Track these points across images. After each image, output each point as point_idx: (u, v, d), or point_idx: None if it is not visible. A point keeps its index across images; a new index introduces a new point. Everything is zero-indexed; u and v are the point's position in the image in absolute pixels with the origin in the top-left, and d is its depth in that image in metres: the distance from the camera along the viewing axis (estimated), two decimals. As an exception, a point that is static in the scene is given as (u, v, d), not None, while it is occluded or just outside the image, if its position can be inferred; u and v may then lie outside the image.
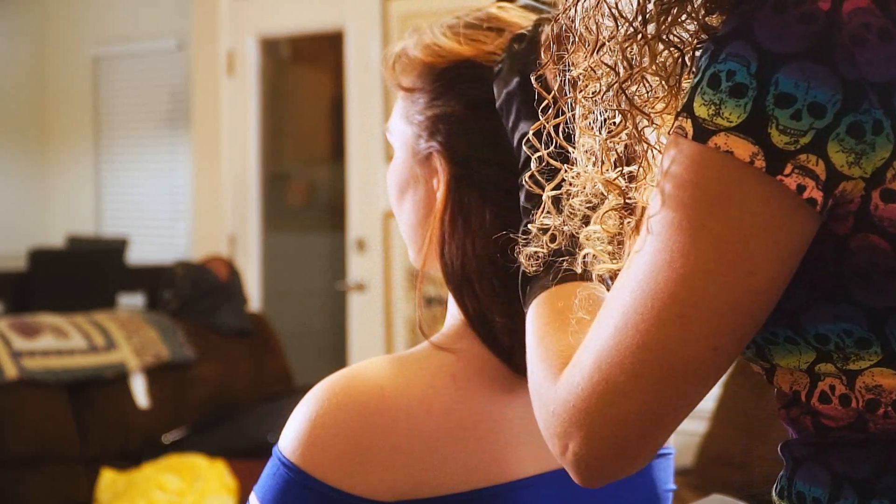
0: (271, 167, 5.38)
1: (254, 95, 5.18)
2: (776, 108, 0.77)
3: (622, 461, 0.83)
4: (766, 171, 0.77)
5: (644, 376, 0.80)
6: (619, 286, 0.83)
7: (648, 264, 0.80)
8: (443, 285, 1.04)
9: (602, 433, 0.81)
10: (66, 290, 5.39)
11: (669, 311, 0.79)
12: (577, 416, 0.82)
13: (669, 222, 0.79)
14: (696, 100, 0.79)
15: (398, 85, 1.07)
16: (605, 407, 0.81)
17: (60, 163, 7.06)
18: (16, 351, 3.61)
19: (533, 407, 0.89)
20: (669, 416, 0.82)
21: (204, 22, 5.27)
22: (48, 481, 3.58)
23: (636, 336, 0.80)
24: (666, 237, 0.79)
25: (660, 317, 0.79)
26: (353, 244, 4.78)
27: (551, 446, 0.86)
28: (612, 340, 0.81)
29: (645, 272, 0.80)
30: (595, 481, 0.84)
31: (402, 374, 0.98)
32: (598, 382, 0.81)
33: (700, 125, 0.78)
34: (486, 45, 1.04)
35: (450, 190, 1.02)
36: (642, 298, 0.80)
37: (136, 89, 6.59)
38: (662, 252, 0.80)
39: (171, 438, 3.82)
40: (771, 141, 0.77)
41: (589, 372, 0.82)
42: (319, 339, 5.48)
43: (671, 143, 0.80)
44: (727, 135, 0.77)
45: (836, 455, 0.85)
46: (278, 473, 0.96)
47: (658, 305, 0.79)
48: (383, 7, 4.61)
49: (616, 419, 0.81)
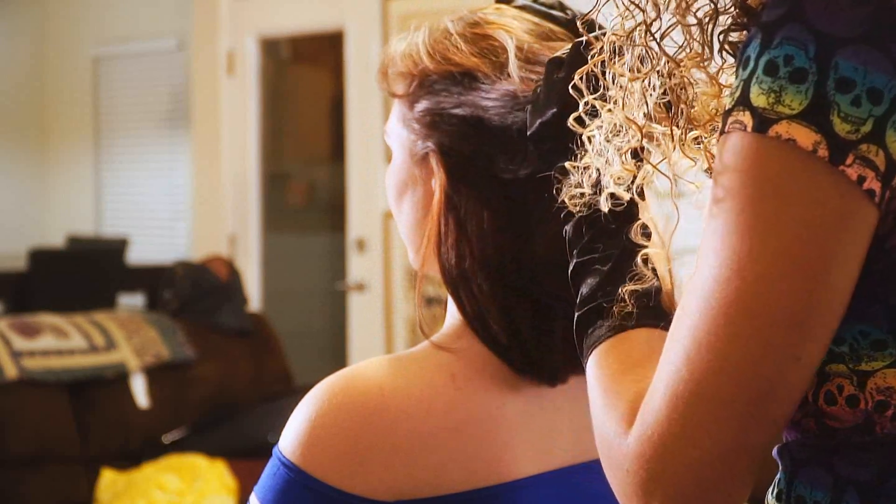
0: (271, 167, 5.38)
1: (254, 95, 5.18)
2: (837, 94, 0.73)
3: (718, 499, 0.75)
4: (829, 160, 0.73)
5: (726, 405, 0.73)
6: (684, 309, 0.76)
7: (714, 278, 0.74)
8: (442, 285, 1.04)
9: (685, 482, 0.74)
10: (66, 290, 5.40)
11: (745, 325, 0.73)
12: (655, 468, 0.74)
13: (732, 227, 0.74)
14: (752, 90, 0.74)
15: (391, 92, 1.07)
16: (686, 449, 0.73)
17: (60, 163, 7.06)
18: (16, 351, 3.61)
19: (603, 467, 0.81)
20: (758, 447, 0.75)
21: (204, 22, 5.27)
22: (48, 481, 3.59)
23: (711, 360, 0.73)
24: (731, 244, 0.73)
25: (736, 333, 0.73)
26: (353, 244, 4.78)
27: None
28: (685, 370, 0.74)
29: (712, 287, 0.74)
30: None
31: (402, 373, 0.98)
32: (675, 422, 0.73)
33: (761, 115, 0.73)
34: (472, 54, 1.03)
35: (446, 190, 1.02)
36: (713, 316, 0.73)
37: (136, 89, 6.59)
38: (729, 261, 0.73)
39: (171, 438, 3.82)
40: (833, 129, 0.73)
41: (663, 413, 0.74)
42: (319, 339, 5.48)
43: (726, 142, 0.75)
44: (789, 122, 0.73)
45: (839, 457, 0.82)
46: (278, 473, 0.96)
47: (732, 321, 0.73)
48: (383, 7, 4.61)
49: (699, 462, 0.73)
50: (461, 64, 1.02)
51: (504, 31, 1.03)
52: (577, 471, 1.03)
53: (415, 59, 1.04)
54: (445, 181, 1.02)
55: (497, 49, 1.02)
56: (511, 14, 1.05)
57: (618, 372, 0.83)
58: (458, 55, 1.02)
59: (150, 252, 6.30)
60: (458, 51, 1.03)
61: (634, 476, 0.76)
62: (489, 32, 1.03)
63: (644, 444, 0.75)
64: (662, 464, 0.74)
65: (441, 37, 1.04)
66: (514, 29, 1.03)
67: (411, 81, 1.05)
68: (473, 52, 1.02)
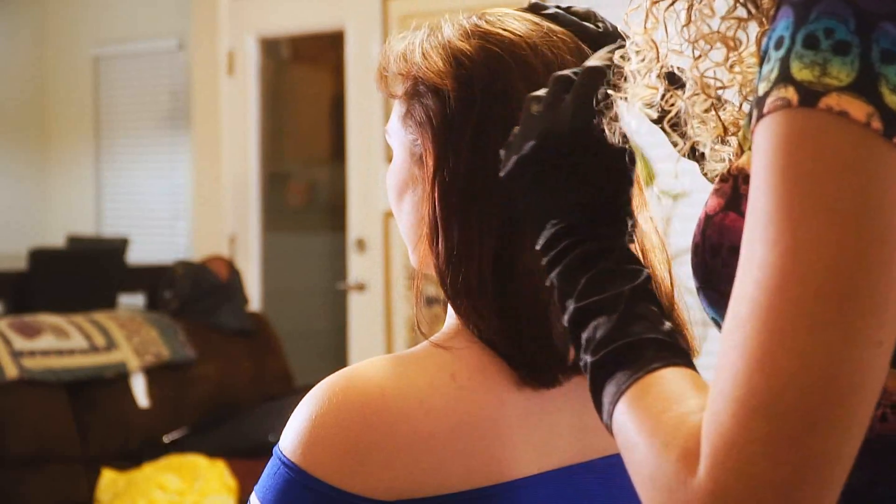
0: (271, 167, 5.38)
1: (254, 95, 5.18)
2: (882, 65, 0.69)
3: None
4: (883, 133, 0.69)
5: (811, 410, 0.66)
6: (737, 318, 0.69)
7: (771, 274, 0.68)
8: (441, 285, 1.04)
9: (771, 495, 0.66)
10: (67, 290, 5.40)
11: (821, 318, 0.67)
12: (738, 498, 0.67)
13: (789, 210, 0.68)
14: (793, 65, 0.70)
15: (390, 93, 1.07)
16: (771, 470, 0.66)
17: (60, 163, 7.06)
18: (16, 351, 3.61)
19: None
20: (849, 454, 0.68)
21: (204, 22, 5.27)
22: (48, 481, 3.59)
23: (785, 360, 0.66)
24: (790, 229, 0.68)
25: (810, 326, 0.67)
26: (354, 244, 4.78)
27: None
28: (754, 379, 0.67)
29: (769, 284, 0.68)
30: None
31: (402, 373, 0.98)
32: (753, 442, 0.66)
33: (807, 88, 0.69)
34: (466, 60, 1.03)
35: (437, 189, 1.02)
36: (777, 315, 0.67)
37: (136, 89, 6.59)
38: (790, 249, 0.68)
39: (171, 438, 3.82)
40: (884, 101, 0.69)
41: (736, 434, 0.66)
42: (319, 339, 5.48)
43: (771, 126, 0.70)
44: (839, 94, 0.69)
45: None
46: (279, 473, 0.97)
47: (806, 315, 0.67)
48: (383, 7, 4.61)
49: (787, 482, 0.66)
50: (451, 68, 1.02)
51: (503, 33, 1.03)
52: (577, 471, 1.03)
53: (414, 59, 1.04)
54: (440, 180, 1.02)
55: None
56: (512, 15, 1.05)
57: (659, 412, 0.74)
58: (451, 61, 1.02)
59: (150, 252, 6.30)
60: (451, 55, 1.03)
61: (707, 494, 0.68)
62: (485, 34, 1.03)
63: (719, 475, 0.67)
64: (747, 491, 0.66)
65: (439, 38, 1.04)
66: (515, 31, 1.03)
67: (410, 82, 1.05)
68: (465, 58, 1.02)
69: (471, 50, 1.02)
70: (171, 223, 6.43)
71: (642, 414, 0.75)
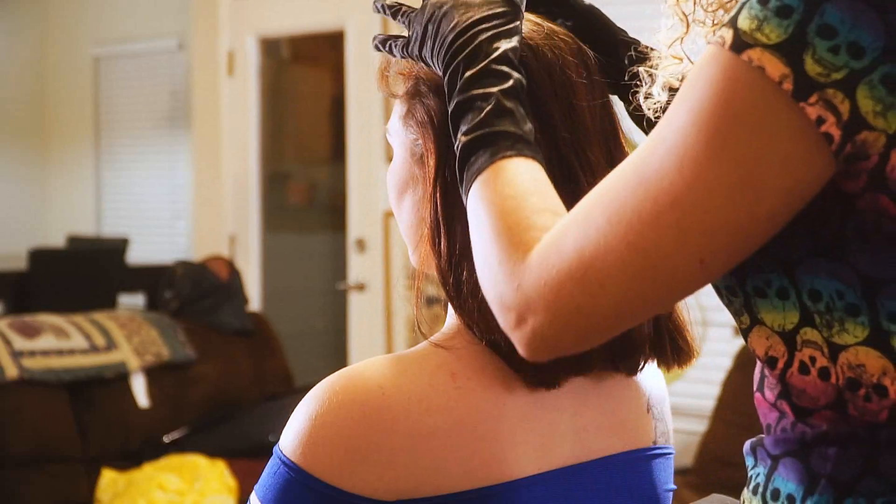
0: (271, 167, 5.38)
1: (254, 95, 5.18)
2: (817, 38, 0.76)
3: (578, 345, 0.84)
4: (792, 94, 0.76)
5: (627, 276, 0.80)
6: (618, 178, 0.82)
7: (657, 165, 0.79)
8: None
9: (570, 319, 0.81)
10: (67, 290, 5.40)
11: (668, 217, 0.79)
12: (548, 296, 0.82)
13: (689, 128, 0.78)
14: (742, 13, 0.79)
15: (391, 93, 1.07)
16: (580, 296, 0.81)
17: (60, 163, 7.06)
18: (16, 351, 3.61)
19: (481, 278, 0.88)
20: (639, 316, 0.83)
21: (204, 22, 5.27)
22: (48, 481, 3.59)
23: (629, 234, 0.79)
24: (681, 142, 0.79)
25: (657, 220, 0.79)
26: (354, 244, 4.78)
27: (501, 315, 0.85)
28: (601, 233, 0.80)
29: (651, 171, 0.80)
30: (544, 357, 0.85)
31: (402, 373, 0.98)
32: (578, 270, 0.81)
33: (739, 37, 0.78)
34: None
35: (439, 190, 1.02)
36: (643, 197, 0.79)
37: (136, 89, 6.59)
38: (674, 156, 0.79)
39: (171, 438, 3.82)
40: (804, 67, 0.76)
41: (569, 258, 0.81)
42: (319, 339, 5.48)
43: (706, 54, 0.80)
44: (762, 51, 0.77)
45: (816, 453, 0.85)
46: (279, 473, 0.97)
47: (658, 209, 0.79)
48: (383, 7, 4.61)
49: (588, 310, 0.81)
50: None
51: None
52: (576, 470, 1.03)
53: (408, 64, 1.05)
54: (440, 180, 1.02)
55: None
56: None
57: (512, 197, 0.87)
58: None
59: (150, 252, 6.30)
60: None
61: (523, 292, 0.83)
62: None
63: (545, 271, 0.82)
64: (556, 296, 0.81)
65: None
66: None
67: (411, 81, 1.05)
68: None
69: None
70: (171, 223, 6.43)
71: (494, 194, 0.88)
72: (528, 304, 0.83)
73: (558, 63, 1.02)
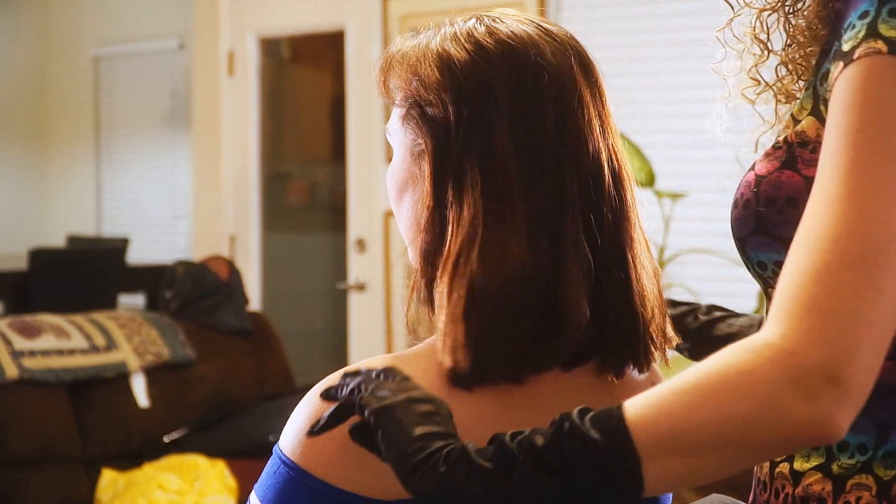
0: (271, 167, 5.38)
1: (254, 95, 5.18)
2: None
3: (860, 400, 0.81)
4: None
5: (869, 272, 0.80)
6: (811, 232, 0.82)
7: (881, 183, 0.81)
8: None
9: (860, 394, 0.80)
10: (67, 290, 5.40)
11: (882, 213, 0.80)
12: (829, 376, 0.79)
13: (861, 137, 0.82)
14: (881, 27, 0.86)
15: (391, 99, 1.08)
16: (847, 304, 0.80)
17: (61, 163, 7.07)
18: (16, 351, 3.61)
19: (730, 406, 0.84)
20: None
21: (204, 22, 5.27)
22: (48, 481, 3.59)
23: (862, 224, 0.80)
24: (874, 158, 0.81)
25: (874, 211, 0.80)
26: (354, 244, 4.78)
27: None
28: (833, 248, 0.81)
29: (873, 197, 0.81)
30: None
31: (402, 373, 0.98)
32: (829, 296, 0.80)
33: (893, 42, 0.84)
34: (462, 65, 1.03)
35: (436, 189, 1.02)
36: (865, 226, 0.80)
37: (137, 89, 6.60)
38: (858, 168, 0.81)
39: (171, 438, 3.82)
40: None
41: (807, 294, 0.80)
42: (320, 339, 5.48)
43: (857, 70, 0.85)
44: None
45: (878, 403, 0.90)
46: (278, 472, 0.97)
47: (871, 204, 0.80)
48: (383, 7, 4.61)
49: (869, 368, 0.80)
50: (444, 76, 1.02)
51: (502, 37, 1.03)
52: (576, 470, 1.03)
53: (413, 63, 1.05)
54: (437, 180, 1.02)
55: None
56: (513, 17, 1.06)
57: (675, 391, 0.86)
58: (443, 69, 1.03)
59: (150, 252, 6.30)
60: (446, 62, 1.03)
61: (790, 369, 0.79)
62: (479, 41, 1.03)
63: (801, 330, 0.79)
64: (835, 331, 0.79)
65: (438, 43, 1.04)
66: (514, 35, 1.03)
67: (410, 85, 1.05)
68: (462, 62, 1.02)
69: (468, 55, 1.02)
70: (171, 223, 6.43)
71: (670, 402, 0.86)
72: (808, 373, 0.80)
73: (557, 66, 1.02)
